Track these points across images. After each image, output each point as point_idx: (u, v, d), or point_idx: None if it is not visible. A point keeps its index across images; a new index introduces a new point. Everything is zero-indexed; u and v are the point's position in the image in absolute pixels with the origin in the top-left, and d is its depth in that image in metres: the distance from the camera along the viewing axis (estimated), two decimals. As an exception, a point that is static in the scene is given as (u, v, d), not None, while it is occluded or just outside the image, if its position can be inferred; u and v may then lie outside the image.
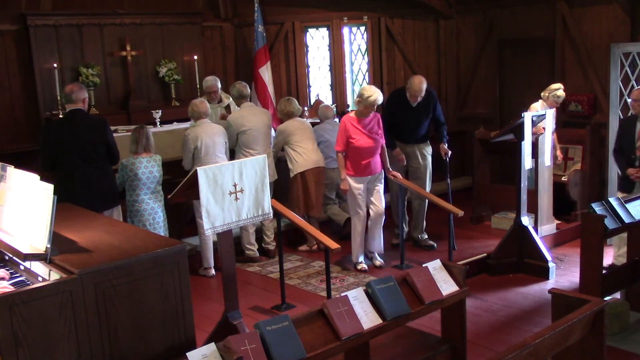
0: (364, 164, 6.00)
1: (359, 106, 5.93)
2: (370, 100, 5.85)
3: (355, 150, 5.97)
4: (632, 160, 5.67)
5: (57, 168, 5.25)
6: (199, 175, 3.79)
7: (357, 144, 5.94)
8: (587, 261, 4.65)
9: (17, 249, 3.02)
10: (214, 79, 7.39)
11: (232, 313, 4.09)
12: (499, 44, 8.97)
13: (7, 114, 7.91)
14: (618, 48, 6.63)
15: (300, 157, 6.62)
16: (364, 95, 5.88)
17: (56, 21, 8.02)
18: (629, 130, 5.73)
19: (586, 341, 3.33)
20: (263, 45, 9.07)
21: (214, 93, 7.30)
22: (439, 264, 3.77)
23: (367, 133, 5.97)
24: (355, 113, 6.00)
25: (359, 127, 5.96)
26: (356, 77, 10.04)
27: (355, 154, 5.99)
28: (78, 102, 5.31)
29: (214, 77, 7.48)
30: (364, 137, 5.96)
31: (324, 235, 5.24)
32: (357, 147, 5.95)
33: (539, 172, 6.69)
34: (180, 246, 3.11)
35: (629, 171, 5.65)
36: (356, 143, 5.94)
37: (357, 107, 5.98)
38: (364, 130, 5.97)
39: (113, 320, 2.86)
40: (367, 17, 9.60)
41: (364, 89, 5.97)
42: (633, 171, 5.62)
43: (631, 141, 5.68)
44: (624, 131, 5.86)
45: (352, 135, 5.94)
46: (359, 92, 6.00)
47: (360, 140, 5.95)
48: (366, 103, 5.88)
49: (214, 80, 7.37)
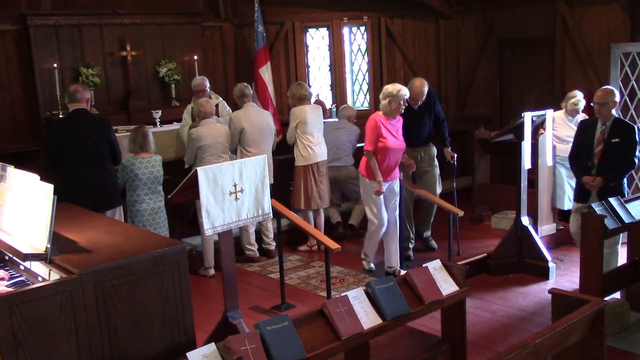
0: (389, 167, 5.72)
1: (392, 105, 5.60)
2: (402, 94, 5.58)
3: (384, 151, 5.65)
4: (589, 168, 5.29)
5: (59, 167, 5.26)
6: (199, 175, 3.79)
7: (387, 144, 5.63)
8: (587, 261, 4.65)
9: (17, 249, 3.02)
10: (202, 79, 7.26)
11: (232, 313, 4.10)
12: (499, 44, 8.97)
13: (7, 114, 7.91)
14: (618, 48, 6.64)
15: (305, 150, 6.69)
16: (394, 92, 5.58)
17: (56, 21, 8.02)
18: (589, 135, 5.30)
19: (586, 341, 3.33)
20: (263, 45, 9.07)
21: (201, 92, 7.12)
22: (439, 264, 3.77)
23: (394, 134, 5.72)
24: (384, 113, 5.70)
25: (388, 127, 5.68)
26: (356, 77, 10.04)
27: (383, 156, 5.67)
28: (82, 101, 5.33)
29: (202, 77, 7.37)
30: (393, 137, 5.70)
31: (324, 235, 5.24)
32: (387, 148, 5.64)
33: (539, 172, 6.69)
34: (180, 246, 3.11)
35: (584, 179, 5.30)
36: (387, 143, 5.63)
37: (389, 106, 5.63)
38: (392, 130, 5.71)
39: (113, 320, 2.86)
40: (367, 17, 9.61)
41: (390, 87, 5.66)
42: (588, 179, 5.25)
43: (589, 147, 5.26)
44: (582, 136, 5.43)
45: (383, 135, 5.63)
46: (385, 93, 5.67)
47: (390, 140, 5.66)
48: (399, 99, 5.58)
49: (202, 79, 7.24)
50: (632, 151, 5.20)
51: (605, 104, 5.20)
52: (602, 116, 5.25)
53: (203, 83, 7.15)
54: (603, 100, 5.19)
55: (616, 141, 5.19)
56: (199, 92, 7.11)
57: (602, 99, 5.20)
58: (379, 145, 5.62)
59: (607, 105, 5.20)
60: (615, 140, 5.19)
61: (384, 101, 5.64)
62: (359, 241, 7.37)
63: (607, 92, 5.27)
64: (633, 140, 5.20)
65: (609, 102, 5.20)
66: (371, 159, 5.65)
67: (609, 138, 5.21)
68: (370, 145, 5.65)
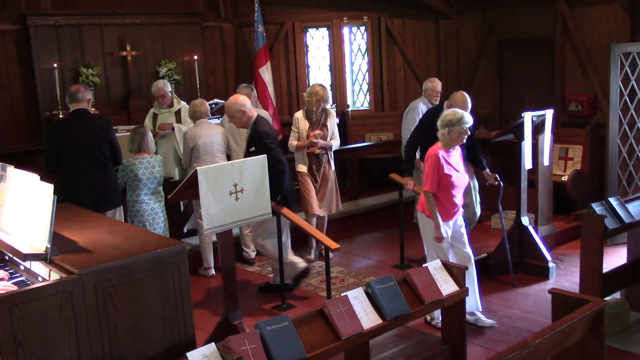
0: (455, 204, 4.85)
1: (451, 135, 4.71)
2: (465, 121, 4.71)
3: (448, 188, 4.78)
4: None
5: (61, 167, 5.26)
6: (199, 175, 3.79)
7: (451, 180, 4.76)
8: (587, 261, 4.65)
9: (17, 249, 3.02)
10: (163, 83, 7.02)
11: (232, 313, 4.10)
12: (499, 44, 8.97)
13: (7, 114, 7.92)
14: (618, 48, 6.63)
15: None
16: (454, 120, 4.70)
17: (56, 21, 8.03)
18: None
19: (586, 341, 3.33)
20: (263, 45, 9.08)
21: (161, 98, 6.89)
22: (439, 264, 3.77)
23: (457, 167, 4.85)
24: (443, 145, 4.78)
25: (450, 160, 4.80)
26: (356, 77, 10.04)
27: (447, 194, 4.79)
28: (83, 101, 5.34)
29: (164, 81, 7.17)
30: (456, 172, 4.84)
31: (324, 235, 5.24)
32: (451, 185, 4.78)
33: (539, 172, 6.69)
34: (180, 246, 3.11)
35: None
36: (450, 180, 4.76)
37: (448, 136, 4.73)
38: (454, 164, 4.83)
39: (113, 320, 2.86)
40: (367, 17, 9.61)
41: (450, 114, 4.75)
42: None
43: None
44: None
45: (445, 172, 4.74)
46: (443, 121, 4.74)
47: (454, 176, 4.78)
48: (460, 128, 4.70)
49: (163, 84, 6.99)
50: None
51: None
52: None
53: (164, 88, 6.91)
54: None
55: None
56: (160, 97, 6.90)
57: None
58: (442, 184, 4.76)
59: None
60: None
61: (443, 130, 4.74)
62: (359, 240, 7.40)
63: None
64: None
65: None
66: (430, 200, 4.77)
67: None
68: (430, 186, 4.74)
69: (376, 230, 7.69)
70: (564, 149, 7.69)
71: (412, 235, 7.01)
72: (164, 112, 6.99)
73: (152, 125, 6.85)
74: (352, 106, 9.98)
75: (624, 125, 6.72)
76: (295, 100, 9.76)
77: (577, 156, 7.69)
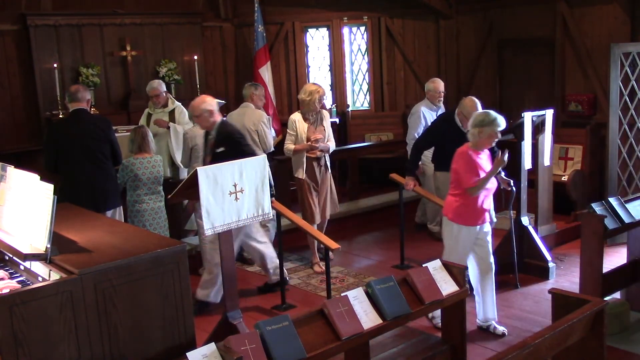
0: (483, 209, 4.67)
1: (481, 136, 4.55)
2: (497, 123, 4.55)
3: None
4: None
5: (61, 167, 5.27)
6: (199, 175, 3.78)
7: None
8: (587, 261, 4.65)
9: (17, 249, 3.02)
10: (158, 83, 7.07)
11: (232, 313, 4.10)
12: (499, 44, 8.97)
13: (7, 114, 7.93)
14: (618, 48, 6.63)
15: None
16: (486, 121, 4.54)
17: (56, 21, 8.03)
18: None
19: (586, 341, 3.33)
20: (263, 45, 9.08)
21: (156, 97, 6.94)
22: (439, 264, 3.77)
23: (484, 169, 4.63)
24: (472, 145, 4.63)
25: (479, 162, 4.62)
26: (356, 77, 10.04)
27: (477, 197, 4.60)
28: (83, 101, 5.35)
29: (159, 81, 7.18)
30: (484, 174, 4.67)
31: (324, 235, 5.24)
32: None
33: (538, 172, 6.68)
34: (180, 246, 3.11)
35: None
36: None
37: (477, 137, 4.57)
38: (484, 167, 4.64)
39: (113, 320, 2.86)
40: (367, 17, 9.61)
41: (481, 115, 4.60)
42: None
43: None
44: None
45: (478, 171, 4.57)
46: (475, 120, 4.59)
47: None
48: (494, 128, 4.54)
49: (157, 84, 7.03)
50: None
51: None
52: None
53: (158, 88, 6.96)
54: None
55: None
56: (154, 97, 6.95)
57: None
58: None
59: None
60: None
61: (473, 130, 4.59)
62: (358, 240, 7.40)
63: None
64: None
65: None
66: (477, 186, 4.52)
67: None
68: (470, 180, 4.52)
69: (376, 230, 7.69)
70: (564, 149, 7.69)
71: (412, 235, 7.03)
72: (158, 111, 7.03)
73: (146, 124, 6.86)
74: (352, 106, 9.98)
75: (624, 125, 6.72)
76: (296, 100, 9.73)
77: (577, 156, 7.69)
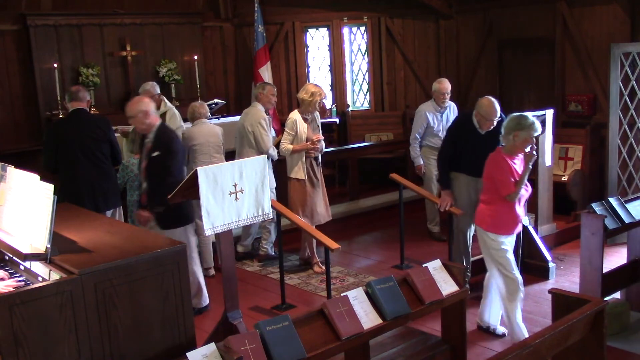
0: (517, 215, 4.54)
1: (516, 140, 4.36)
2: (537, 127, 4.35)
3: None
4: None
5: (61, 167, 5.27)
6: (199, 175, 3.78)
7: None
8: (587, 261, 4.65)
9: (17, 249, 3.02)
10: (151, 85, 6.91)
11: (232, 313, 4.10)
12: (499, 44, 8.97)
13: (7, 114, 7.93)
14: (618, 48, 6.63)
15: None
16: (525, 125, 4.32)
17: (56, 21, 8.03)
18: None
19: (586, 341, 3.33)
20: (263, 45, 9.08)
21: (150, 98, 6.85)
22: (439, 264, 3.77)
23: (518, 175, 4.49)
24: (506, 150, 4.46)
25: (514, 168, 4.46)
26: (356, 77, 10.04)
27: (509, 203, 4.46)
28: (83, 101, 5.37)
29: (152, 83, 7.03)
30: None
31: (324, 235, 5.23)
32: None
33: (539, 172, 6.68)
34: (180, 246, 3.11)
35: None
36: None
37: (513, 142, 4.39)
38: (517, 172, 4.47)
39: (113, 320, 2.85)
40: (367, 17, 9.61)
41: (519, 117, 4.38)
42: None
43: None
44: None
45: (512, 179, 4.43)
46: (513, 122, 4.38)
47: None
48: (530, 133, 4.33)
49: (151, 85, 6.88)
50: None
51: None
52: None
53: (152, 89, 6.81)
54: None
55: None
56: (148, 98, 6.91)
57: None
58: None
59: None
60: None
61: (508, 135, 4.41)
62: (358, 240, 7.40)
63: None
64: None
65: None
66: (514, 197, 4.42)
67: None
68: (511, 187, 4.39)
69: (376, 230, 7.69)
70: (564, 149, 7.69)
71: (412, 236, 7.02)
72: None
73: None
74: (352, 106, 9.99)
75: (624, 125, 6.72)
76: (296, 100, 9.75)
77: (577, 156, 7.69)
